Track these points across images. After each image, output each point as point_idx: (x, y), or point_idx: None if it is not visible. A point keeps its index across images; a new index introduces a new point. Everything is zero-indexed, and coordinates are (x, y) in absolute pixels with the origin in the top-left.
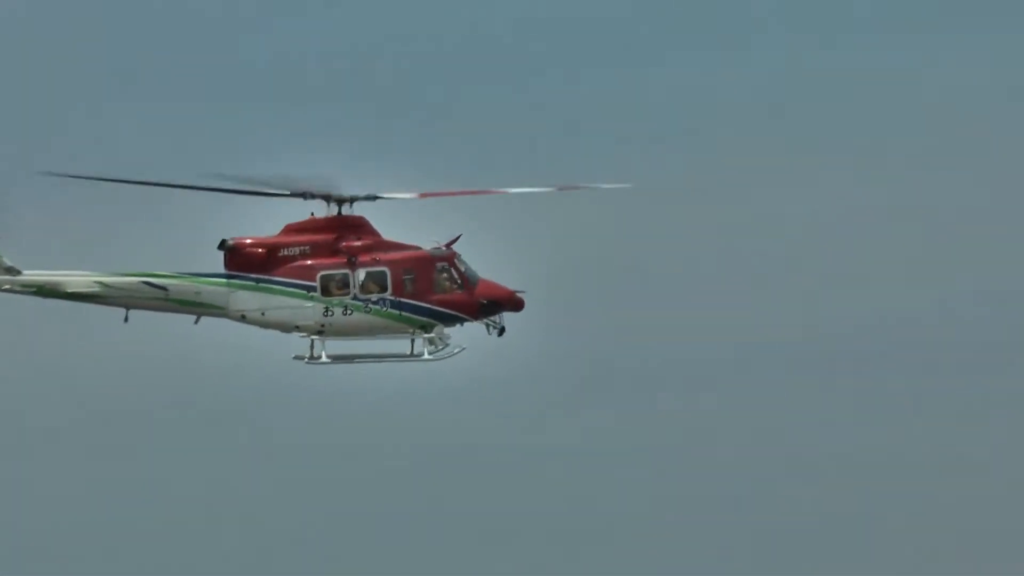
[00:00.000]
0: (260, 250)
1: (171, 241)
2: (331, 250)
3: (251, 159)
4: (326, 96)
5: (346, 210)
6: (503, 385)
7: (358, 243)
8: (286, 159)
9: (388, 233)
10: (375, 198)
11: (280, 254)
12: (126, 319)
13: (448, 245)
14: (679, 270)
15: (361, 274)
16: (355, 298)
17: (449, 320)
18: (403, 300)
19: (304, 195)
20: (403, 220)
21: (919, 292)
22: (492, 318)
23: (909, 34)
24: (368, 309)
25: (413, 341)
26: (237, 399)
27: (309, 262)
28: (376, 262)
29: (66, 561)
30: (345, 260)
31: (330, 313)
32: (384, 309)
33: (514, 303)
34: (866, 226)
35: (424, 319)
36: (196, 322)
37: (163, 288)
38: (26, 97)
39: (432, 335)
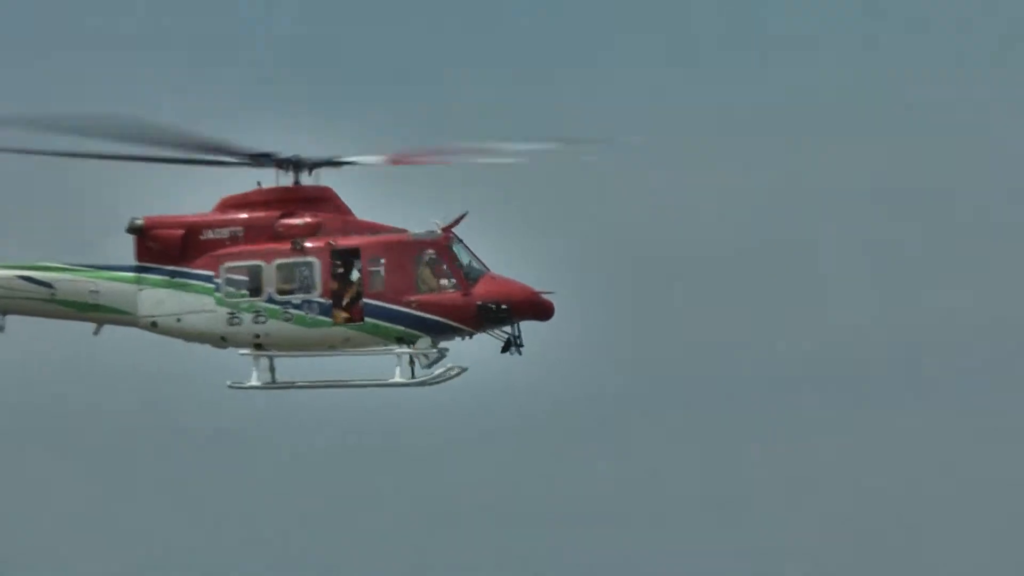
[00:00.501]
0: (178, 232)
1: (72, 224)
2: (272, 232)
3: (180, 115)
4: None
5: (307, 180)
6: (506, 426)
7: (302, 221)
8: (227, 117)
9: (370, 211)
10: (337, 163)
11: (203, 237)
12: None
13: (448, 227)
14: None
15: (272, 267)
16: (270, 300)
17: (437, 330)
18: (371, 302)
19: (249, 159)
20: (386, 194)
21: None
22: (502, 328)
23: None
24: (288, 315)
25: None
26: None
27: (237, 248)
28: (326, 248)
29: None
30: (290, 245)
31: (236, 320)
32: (310, 316)
33: (534, 308)
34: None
35: (400, 328)
36: (96, 332)
37: (48, 285)
38: None
39: (415, 350)
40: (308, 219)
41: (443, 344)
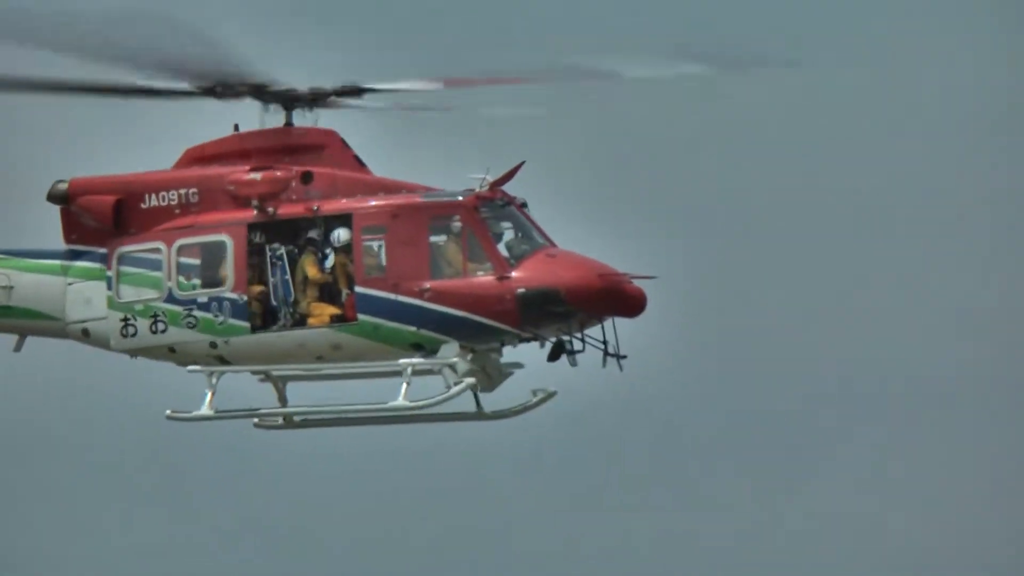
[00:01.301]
0: (108, 198)
1: None
2: (233, 193)
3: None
4: None
5: (301, 119)
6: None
7: (259, 176)
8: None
9: (386, 164)
10: (357, 92)
11: (144, 205)
12: None
13: (497, 183)
14: None
15: (173, 250)
16: (171, 298)
17: (466, 332)
18: (368, 292)
19: (221, 89)
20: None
21: None
22: (556, 327)
23: None
24: (190, 321)
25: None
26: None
27: (185, 221)
28: (302, 216)
29: None
30: (254, 212)
31: (130, 328)
32: (220, 321)
33: (606, 298)
34: None
35: (411, 330)
36: (17, 348)
37: None
38: None
39: (434, 361)
40: (274, 173)
41: (485, 354)
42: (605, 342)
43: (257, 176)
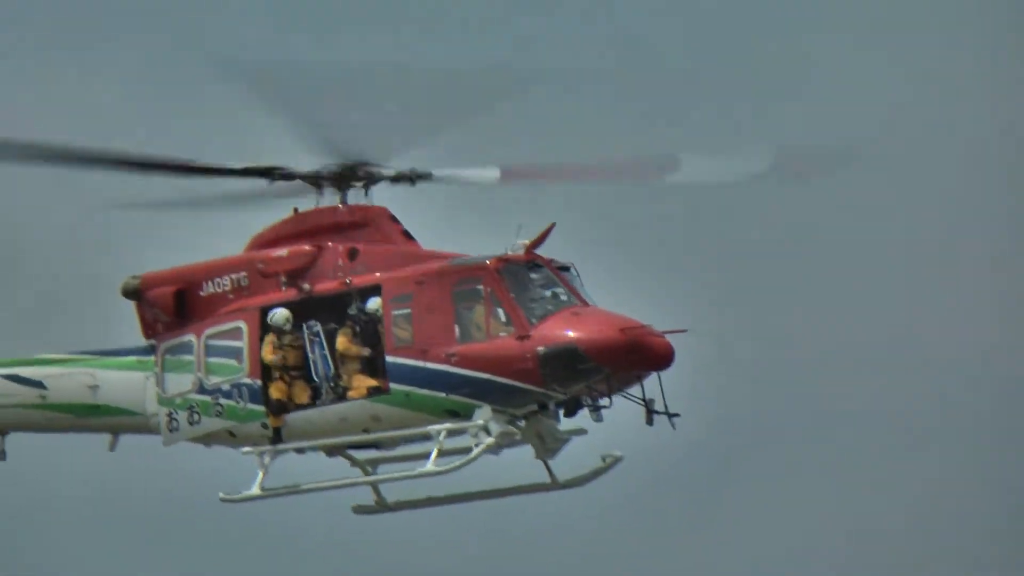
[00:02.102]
0: (169, 289)
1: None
2: (263, 271)
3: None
4: None
5: (355, 198)
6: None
7: (285, 252)
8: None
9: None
10: (418, 178)
11: (203, 292)
12: (2, 451)
13: (531, 246)
14: None
15: (202, 341)
16: (201, 389)
17: (491, 393)
18: (397, 361)
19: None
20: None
21: None
22: (586, 385)
23: None
24: (218, 409)
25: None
26: None
27: (236, 305)
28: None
29: None
30: (295, 292)
31: (173, 422)
32: (241, 406)
33: (628, 353)
34: None
35: (441, 396)
36: (111, 448)
37: (38, 385)
38: None
39: (464, 425)
40: (301, 248)
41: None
42: (646, 399)
43: (283, 252)
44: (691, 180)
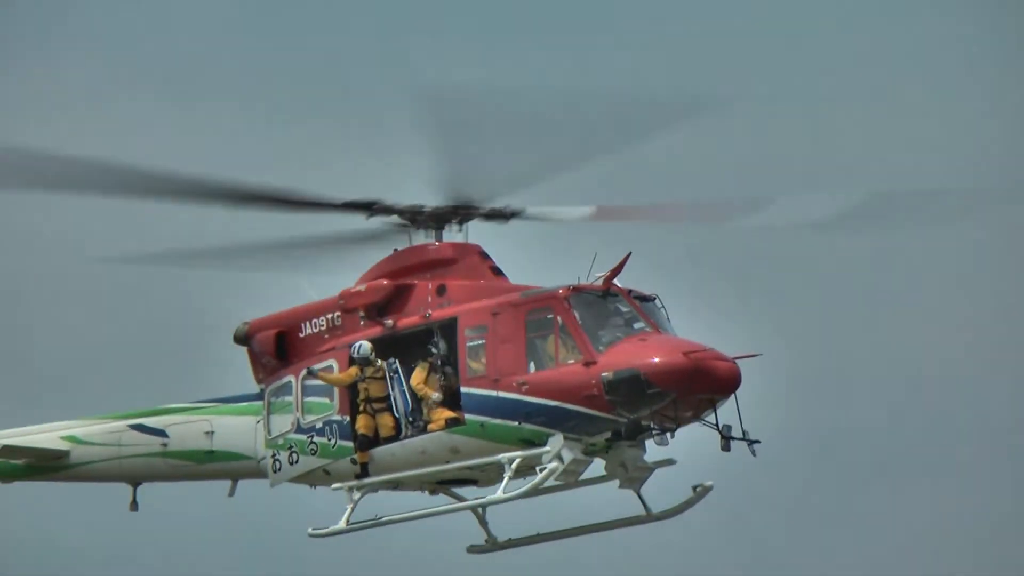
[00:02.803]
0: (270, 332)
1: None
2: (344, 307)
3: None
4: None
5: (451, 236)
6: None
7: (363, 287)
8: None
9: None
10: (512, 216)
11: (301, 335)
12: (133, 501)
13: (609, 277)
14: None
15: (299, 381)
16: (298, 428)
17: (561, 421)
18: (471, 391)
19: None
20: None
21: None
22: (654, 411)
23: None
24: (314, 447)
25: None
26: None
27: (329, 344)
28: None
29: None
30: (380, 329)
31: (276, 463)
32: (333, 443)
33: (691, 377)
34: None
35: (512, 425)
36: (230, 493)
37: (160, 433)
38: None
39: (533, 453)
40: (379, 283)
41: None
42: (720, 425)
43: (361, 288)
44: (781, 221)
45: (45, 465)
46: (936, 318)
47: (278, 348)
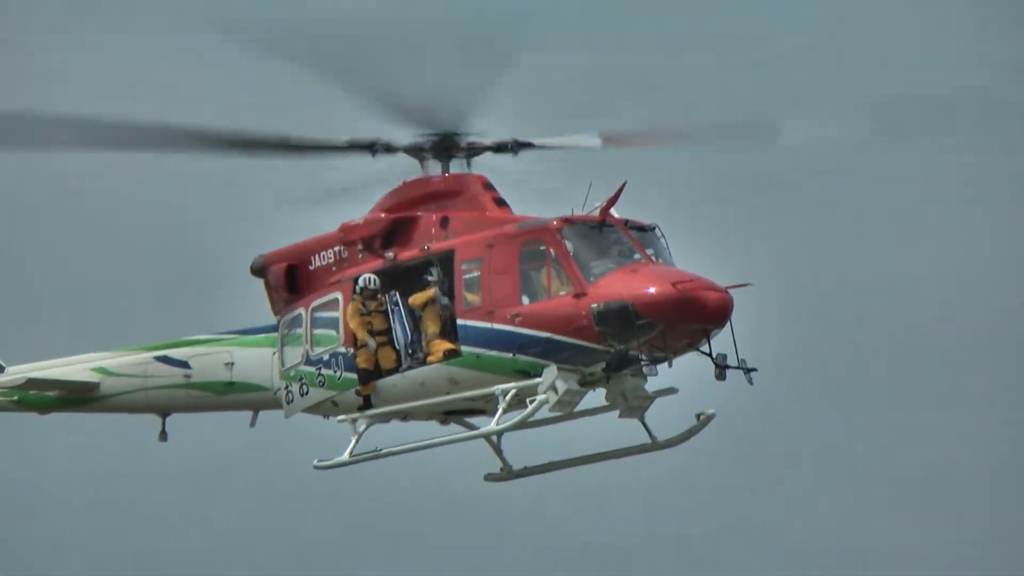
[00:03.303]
0: (282, 265)
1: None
2: (343, 240)
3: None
4: None
5: (458, 167)
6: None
7: (361, 220)
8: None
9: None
10: (520, 147)
11: (311, 268)
12: (162, 432)
13: (605, 208)
14: None
15: (309, 313)
16: (307, 360)
17: (553, 352)
18: (467, 323)
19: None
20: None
21: None
22: (644, 341)
23: None
24: (321, 379)
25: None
26: None
27: (336, 277)
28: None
29: None
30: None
31: (288, 394)
32: (338, 375)
33: (684, 308)
34: None
35: (507, 357)
36: (252, 423)
37: (184, 365)
38: None
39: (526, 384)
40: (377, 216)
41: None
42: (715, 355)
43: (359, 220)
44: (790, 143)
45: (77, 397)
46: (942, 237)
47: (289, 281)
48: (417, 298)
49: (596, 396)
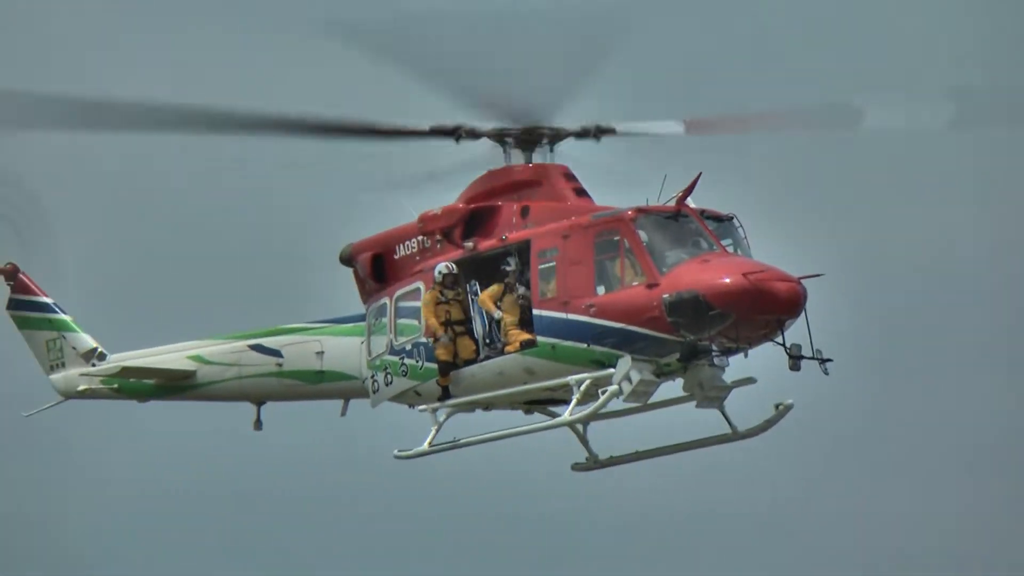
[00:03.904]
0: (367, 254)
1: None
2: (423, 230)
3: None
4: None
5: (540, 158)
6: None
7: (440, 211)
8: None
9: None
10: (597, 133)
11: (396, 257)
12: (257, 420)
13: (681, 198)
14: None
15: (393, 302)
16: (391, 349)
17: (628, 342)
18: (543, 314)
19: (462, 133)
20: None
21: None
22: (719, 332)
23: None
24: (404, 369)
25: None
26: None
27: (419, 266)
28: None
29: None
30: (462, 252)
31: (374, 383)
32: (420, 365)
33: (751, 299)
34: None
35: (582, 347)
36: (343, 412)
37: (276, 353)
38: None
39: (600, 374)
40: (455, 207)
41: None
42: (789, 345)
43: (437, 211)
44: (876, 128)
45: (174, 385)
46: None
47: (375, 270)
48: (484, 298)
49: (675, 386)
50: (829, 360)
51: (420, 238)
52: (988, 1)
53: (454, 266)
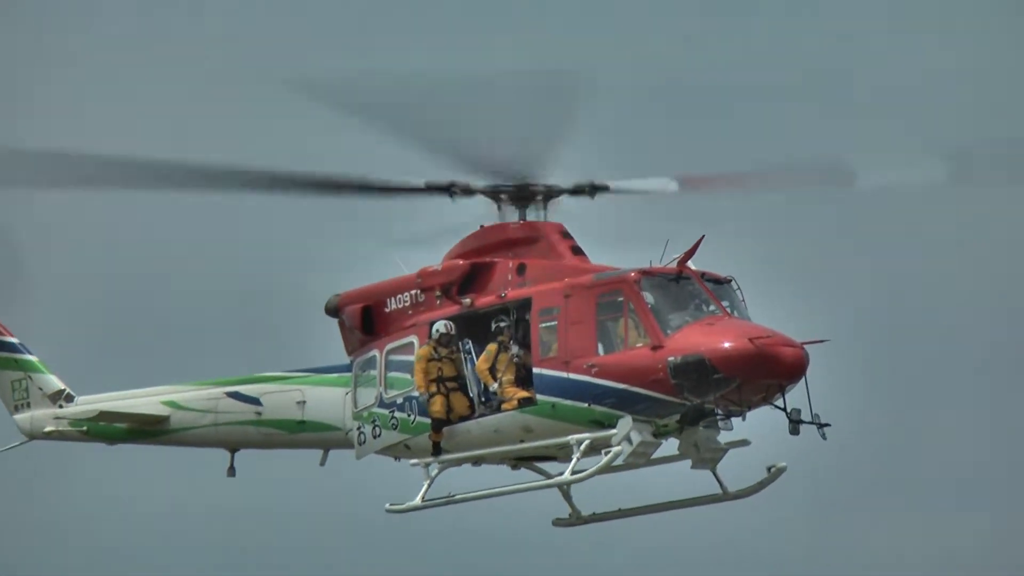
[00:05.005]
0: (357, 306)
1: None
2: (422, 286)
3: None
4: None
5: (534, 215)
6: None
7: (440, 267)
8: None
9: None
10: (596, 191)
11: (387, 310)
12: (231, 467)
13: (683, 260)
14: None
15: (384, 355)
16: (381, 402)
17: (630, 403)
18: (543, 372)
19: (456, 190)
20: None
21: None
22: (720, 395)
23: None
24: (394, 422)
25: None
26: None
27: (412, 320)
28: (492, 306)
29: None
30: (458, 308)
31: (360, 435)
32: (412, 419)
33: (759, 364)
34: None
35: (583, 406)
36: (321, 462)
37: (255, 401)
38: None
39: (600, 435)
40: (455, 263)
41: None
42: (789, 409)
43: (438, 267)
44: (868, 187)
45: (146, 429)
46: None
47: (364, 322)
48: (481, 369)
49: (668, 445)
50: (827, 425)
51: (414, 292)
52: (978, 59)
53: (453, 326)
